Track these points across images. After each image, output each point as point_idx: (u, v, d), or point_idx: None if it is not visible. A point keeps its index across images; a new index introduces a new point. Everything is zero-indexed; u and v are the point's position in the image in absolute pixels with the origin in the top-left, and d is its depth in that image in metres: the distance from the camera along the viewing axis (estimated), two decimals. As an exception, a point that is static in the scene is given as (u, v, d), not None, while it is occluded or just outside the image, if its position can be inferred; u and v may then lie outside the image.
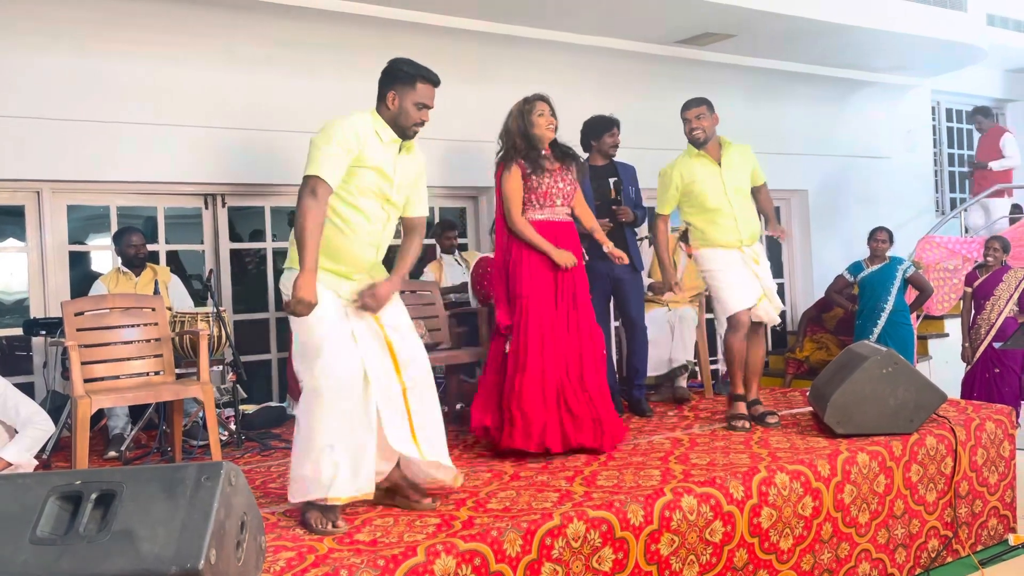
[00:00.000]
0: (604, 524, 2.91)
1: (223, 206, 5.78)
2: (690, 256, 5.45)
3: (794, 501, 3.37)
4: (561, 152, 4.02)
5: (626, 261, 4.11)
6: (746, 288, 4.25)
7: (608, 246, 4.08)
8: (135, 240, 4.80)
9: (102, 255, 6.01)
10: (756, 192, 4.47)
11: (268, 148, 5.67)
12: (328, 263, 2.92)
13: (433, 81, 3.08)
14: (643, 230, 5.73)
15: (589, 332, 4.03)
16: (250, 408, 5.02)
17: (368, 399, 2.88)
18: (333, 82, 5.84)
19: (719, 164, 4.29)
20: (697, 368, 5.49)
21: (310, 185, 2.83)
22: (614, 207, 4.75)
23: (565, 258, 3.89)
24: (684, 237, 5.56)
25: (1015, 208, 9.27)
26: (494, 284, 4.11)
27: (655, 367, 5.22)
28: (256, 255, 6.64)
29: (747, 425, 4.18)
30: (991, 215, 8.00)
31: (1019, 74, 10.25)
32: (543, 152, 3.96)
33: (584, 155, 4.83)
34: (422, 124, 3.06)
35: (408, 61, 3.09)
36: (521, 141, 3.93)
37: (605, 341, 4.65)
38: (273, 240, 6.21)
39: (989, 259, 5.84)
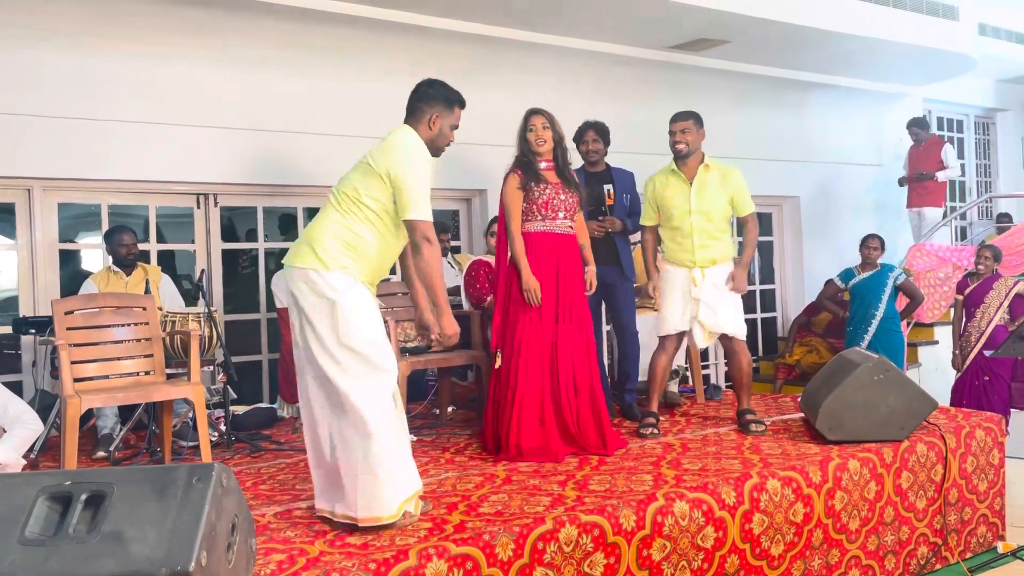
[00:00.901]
0: (596, 529, 2.91)
1: (215, 206, 5.75)
2: None
3: (785, 507, 3.37)
4: (559, 169, 4.06)
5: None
6: (677, 313, 4.35)
7: (590, 269, 4.20)
8: (126, 239, 4.78)
9: (93, 254, 5.98)
10: (741, 223, 4.46)
11: (261, 148, 5.66)
12: (367, 273, 2.89)
13: (465, 105, 3.17)
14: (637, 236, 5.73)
15: (586, 345, 4.07)
16: (240, 409, 4.99)
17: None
18: (327, 83, 5.83)
19: (690, 183, 4.30)
20: (688, 373, 5.49)
21: (422, 231, 2.85)
22: (600, 217, 4.75)
23: (531, 285, 3.91)
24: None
25: (1003, 217, 9.34)
26: (497, 292, 4.15)
27: (645, 372, 5.22)
28: (248, 255, 6.61)
29: (655, 432, 4.28)
30: (925, 223, 8.05)
31: (1010, 84, 10.32)
32: (540, 164, 4.01)
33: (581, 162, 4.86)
34: (449, 144, 3.15)
35: (444, 85, 3.14)
36: (520, 152, 4.06)
37: (597, 346, 4.67)
38: (265, 240, 6.19)
39: (980, 267, 5.87)
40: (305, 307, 2.82)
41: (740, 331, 4.35)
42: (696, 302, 4.30)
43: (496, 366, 4.04)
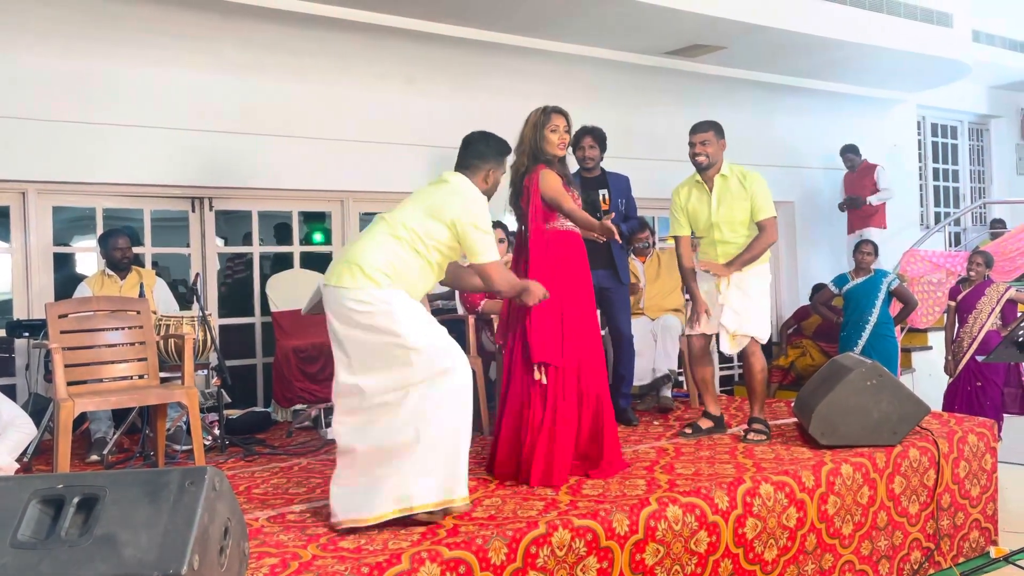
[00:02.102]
0: (589, 533, 2.91)
1: (210, 209, 5.75)
2: (643, 263, 5.63)
3: (779, 512, 3.38)
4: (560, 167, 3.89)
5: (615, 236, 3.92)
6: (704, 317, 4.32)
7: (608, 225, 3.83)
8: (121, 243, 4.78)
9: (87, 257, 5.97)
10: (759, 227, 4.24)
11: (256, 152, 5.67)
12: (405, 289, 3.01)
13: (511, 151, 3.44)
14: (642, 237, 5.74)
15: (596, 347, 3.79)
16: (234, 413, 4.99)
17: None
18: (321, 86, 5.84)
19: (711, 193, 4.27)
20: (682, 377, 5.50)
21: (489, 272, 3.14)
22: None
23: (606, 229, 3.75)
24: (640, 251, 5.63)
25: (997, 223, 9.38)
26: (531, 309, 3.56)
27: (639, 376, 5.22)
28: (242, 259, 6.61)
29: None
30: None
31: (1003, 90, 10.37)
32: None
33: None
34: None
35: (496, 139, 3.32)
36: (528, 153, 3.71)
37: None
38: (260, 244, 6.19)
39: (972, 273, 5.89)
40: (363, 323, 2.90)
41: (761, 334, 4.27)
42: (721, 307, 4.25)
43: (543, 381, 3.56)
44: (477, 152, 3.24)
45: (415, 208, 3.08)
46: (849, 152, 8.07)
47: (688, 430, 4.40)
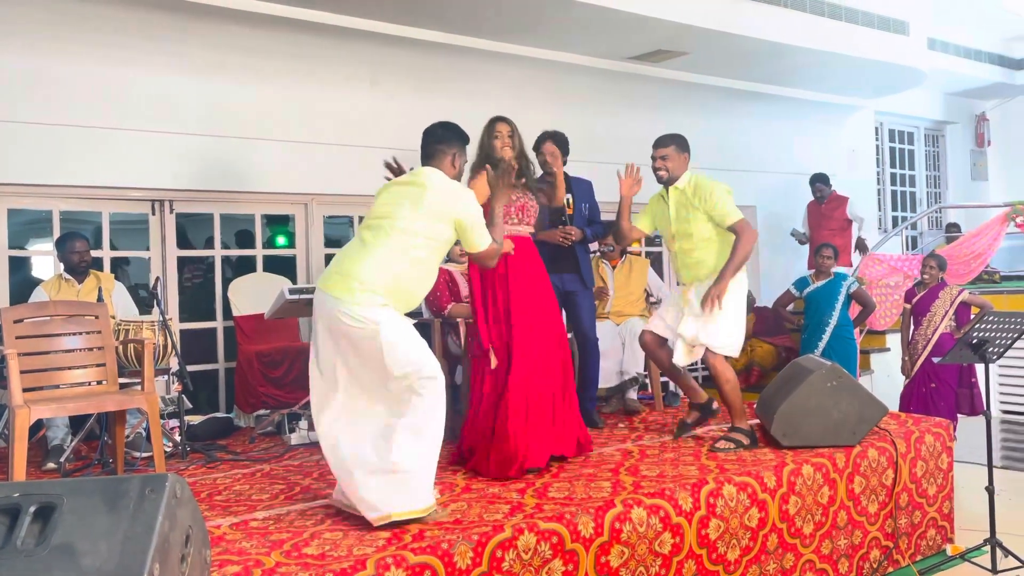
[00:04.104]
0: (555, 536, 2.92)
1: (171, 212, 5.67)
2: (614, 267, 5.67)
3: (741, 512, 3.41)
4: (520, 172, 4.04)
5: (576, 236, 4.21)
6: (662, 319, 4.35)
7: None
8: (79, 247, 4.69)
9: (44, 261, 5.86)
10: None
11: (219, 154, 5.60)
12: (401, 307, 3.08)
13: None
14: (595, 246, 5.78)
15: (560, 340, 4.02)
16: (196, 419, 4.92)
17: None
18: (285, 89, 5.79)
19: (668, 205, 4.28)
20: (647, 380, 5.54)
21: (486, 256, 3.27)
22: (561, 226, 4.79)
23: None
24: (607, 255, 5.67)
25: (952, 227, 9.59)
26: (473, 297, 4.04)
27: (605, 379, 5.25)
28: (204, 263, 6.53)
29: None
30: None
31: (958, 97, 10.63)
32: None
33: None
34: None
35: (455, 125, 3.37)
36: (480, 156, 4.01)
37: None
38: (222, 248, 6.12)
39: (926, 276, 6.00)
40: (352, 336, 2.97)
41: (721, 347, 4.11)
42: (682, 313, 4.21)
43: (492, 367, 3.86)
44: (438, 137, 3.29)
45: (411, 211, 3.08)
46: (819, 182, 7.81)
47: (677, 431, 4.41)
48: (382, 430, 2.96)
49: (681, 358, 4.16)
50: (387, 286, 3.00)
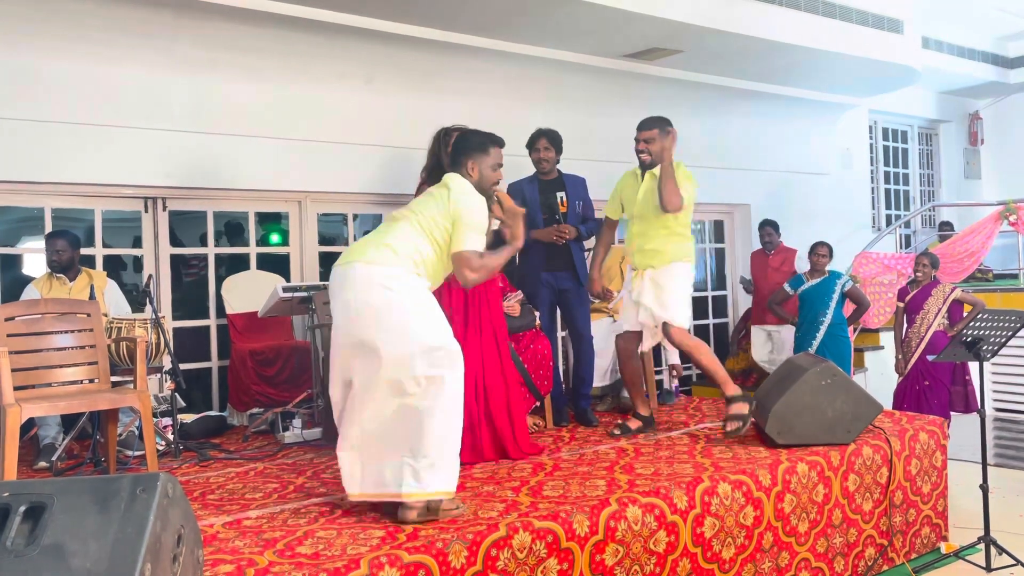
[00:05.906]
0: (550, 535, 2.91)
1: (163, 210, 5.64)
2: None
3: (736, 511, 3.41)
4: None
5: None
6: (631, 314, 4.42)
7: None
8: (58, 245, 4.63)
9: (35, 258, 5.82)
10: None
11: (210, 151, 5.57)
12: (427, 278, 3.18)
13: (501, 144, 3.42)
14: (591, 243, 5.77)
15: (497, 354, 4.03)
16: (189, 417, 4.90)
17: None
18: (278, 86, 5.76)
19: (639, 185, 4.32)
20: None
21: (466, 259, 3.18)
22: (555, 224, 4.78)
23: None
24: None
25: (945, 225, 9.61)
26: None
27: (600, 377, 5.25)
28: (203, 258, 6.49)
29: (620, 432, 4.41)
30: (777, 343, 7.04)
31: (952, 96, 10.64)
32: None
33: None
34: (498, 182, 3.40)
35: (474, 131, 3.42)
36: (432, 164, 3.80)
37: (552, 351, 4.68)
38: (216, 245, 6.09)
39: (919, 274, 6.01)
40: (377, 305, 3.01)
41: (676, 318, 4.24)
42: (637, 307, 4.34)
43: None
44: (457, 147, 3.39)
45: (435, 210, 3.21)
46: (769, 226, 7.15)
47: (616, 431, 4.45)
48: (407, 412, 2.96)
49: (647, 343, 4.38)
50: (416, 258, 3.10)
